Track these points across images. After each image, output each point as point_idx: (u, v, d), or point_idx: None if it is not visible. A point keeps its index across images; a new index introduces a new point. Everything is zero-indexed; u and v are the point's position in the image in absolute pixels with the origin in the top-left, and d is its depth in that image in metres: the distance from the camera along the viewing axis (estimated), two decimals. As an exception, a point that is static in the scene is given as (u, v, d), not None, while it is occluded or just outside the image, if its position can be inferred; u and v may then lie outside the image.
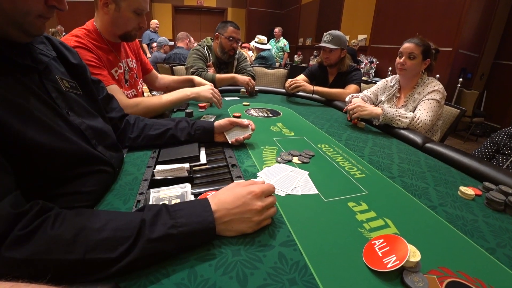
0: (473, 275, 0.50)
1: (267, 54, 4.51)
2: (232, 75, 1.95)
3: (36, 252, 0.39)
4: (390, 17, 5.23)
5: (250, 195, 0.55)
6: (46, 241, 0.41)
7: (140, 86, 1.48)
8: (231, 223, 0.53)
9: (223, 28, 2.04)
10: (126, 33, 1.22)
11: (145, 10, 1.20)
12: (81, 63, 0.77)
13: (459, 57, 4.27)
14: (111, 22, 1.18)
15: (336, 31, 2.07)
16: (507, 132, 1.46)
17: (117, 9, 1.14)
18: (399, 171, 0.92)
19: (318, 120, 1.43)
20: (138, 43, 1.53)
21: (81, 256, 0.41)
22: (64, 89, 0.65)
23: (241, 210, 0.53)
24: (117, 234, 0.44)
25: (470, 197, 0.79)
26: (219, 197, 0.55)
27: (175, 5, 9.21)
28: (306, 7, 8.39)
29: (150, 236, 0.45)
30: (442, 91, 1.46)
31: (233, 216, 0.53)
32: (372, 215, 0.65)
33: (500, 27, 4.64)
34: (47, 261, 0.40)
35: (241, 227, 0.54)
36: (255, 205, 0.54)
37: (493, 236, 0.63)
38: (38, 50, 0.62)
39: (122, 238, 0.44)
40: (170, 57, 3.92)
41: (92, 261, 0.41)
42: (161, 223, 0.47)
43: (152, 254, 0.45)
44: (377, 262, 0.49)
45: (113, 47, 1.26)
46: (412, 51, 1.49)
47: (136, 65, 1.46)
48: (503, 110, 4.58)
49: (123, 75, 1.32)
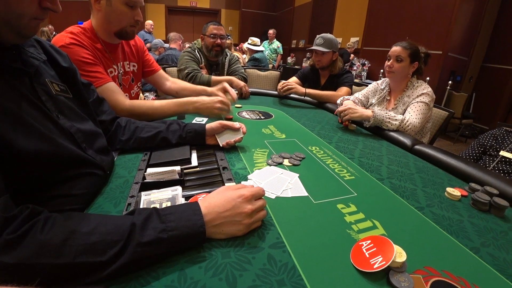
0: (457, 274, 0.52)
1: (260, 56, 4.53)
2: (229, 77, 1.95)
3: (26, 257, 0.39)
4: (382, 20, 5.31)
5: (240, 198, 0.55)
6: (36, 245, 0.41)
7: (134, 91, 1.46)
8: (222, 226, 0.53)
9: (205, 28, 2.10)
10: (122, 30, 1.20)
11: (138, 3, 1.17)
12: (72, 66, 0.77)
13: (449, 60, 4.36)
14: (105, 19, 1.16)
15: (327, 34, 2.09)
16: (493, 134, 1.49)
17: (108, 4, 1.13)
18: (388, 173, 0.93)
19: (310, 122, 1.44)
20: (143, 43, 1.49)
21: (71, 259, 0.41)
22: (54, 92, 0.65)
23: (231, 213, 0.54)
24: (107, 238, 0.44)
25: (456, 198, 0.81)
26: (209, 201, 0.55)
27: (168, 5, 9.18)
28: (300, 9, 8.45)
29: (140, 240, 0.45)
30: (431, 94, 1.49)
31: (223, 219, 0.53)
32: (361, 216, 0.66)
33: (488, 31, 4.76)
34: (37, 265, 0.40)
35: (231, 230, 0.54)
36: (245, 208, 0.55)
37: (477, 236, 0.65)
38: (28, 53, 0.62)
39: (112, 242, 0.44)
40: (163, 58, 3.90)
41: (82, 265, 0.42)
42: (151, 227, 0.47)
43: (143, 258, 0.45)
44: (364, 262, 0.50)
45: (108, 47, 1.23)
46: (399, 54, 1.52)
47: (135, 68, 1.42)
48: (491, 112, 4.68)
49: (117, 78, 1.30)
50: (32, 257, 0.40)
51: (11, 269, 0.39)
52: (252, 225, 0.57)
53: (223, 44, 2.11)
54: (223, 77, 1.98)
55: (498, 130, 1.50)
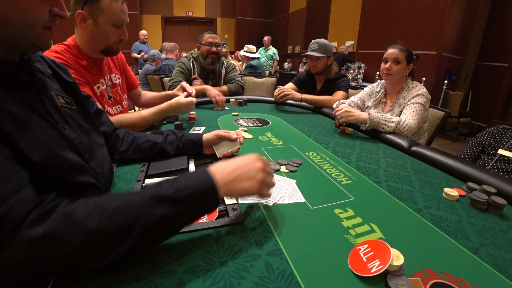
0: (456, 276, 0.51)
1: (257, 63, 4.57)
2: (203, 87, 1.97)
3: (54, 226, 0.42)
4: (376, 23, 5.36)
5: (252, 159, 0.61)
6: (63, 215, 0.43)
7: (125, 102, 1.47)
8: (235, 183, 0.56)
9: (201, 38, 2.15)
10: (108, 48, 1.21)
11: (124, 22, 1.18)
12: (74, 81, 0.78)
13: (444, 60, 4.39)
14: (91, 38, 1.17)
15: (321, 39, 2.11)
16: (491, 132, 1.50)
17: (95, 24, 1.13)
18: (385, 175, 0.93)
19: (307, 128, 1.45)
20: (124, 57, 1.52)
21: (97, 225, 0.43)
22: (59, 104, 0.66)
23: (243, 170, 0.58)
24: (127, 203, 0.47)
25: (454, 198, 0.81)
26: (217, 164, 0.59)
27: (164, 16, 9.28)
28: (294, 15, 8.54)
29: (152, 203, 0.48)
30: (426, 95, 1.51)
31: (235, 176, 0.56)
32: (358, 220, 0.67)
33: (481, 29, 4.80)
34: (65, 234, 0.42)
35: (245, 186, 0.57)
36: (257, 164, 0.60)
37: (476, 236, 0.65)
38: (35, 67, 0.63)
39: (132, 205, 0.47)
40: (160, 69, 3.94)
41: (108, 230, 0.44)
42: (166, 189, 0.49)
43: (161, 220, 0.47)
44: (362, 267, 0.50)
45: (94, 63, 1.24)
46: (397, 56, 1.54)
47: (120, 81, 1.44)
48: (489, 110, 4.70)
49: (106, 91, 1.31)
50: (60, 226, 0.42)
51: (41, 241, 0.40)
52: (264, 186, 0.60)
53: (218, 51, 2.14)
54: (200, 86, 2.00)
55: (495, 128, 1.50)
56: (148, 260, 0.51)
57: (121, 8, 1.15)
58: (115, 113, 1.34)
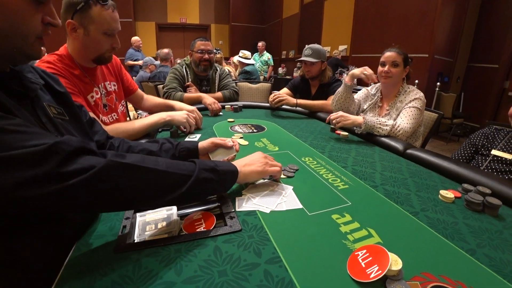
0: (455, 278, 0.52)
1: (251, 69, 4.59)
2: (199, 95, 1.99)
3: (135, 161, 0.53)
4: (368, 27, 5.44)
5: (256, 154, 0.85)
6: (138, 156, 0.55)
7: (121, 109, 1.46)
8: (247, 168, 0.77)
9: (193, 44, 2.16)
10: (100, 56, 1.20)
11: (116, 30, 1.17)
12: (66, 91, 0.78)
13: (436, 62, 4.46)
14: (82, 47, 1.15)
15: (315, 44, 2.13)
16: (484, 133, 1.51)
17: (86, 33, 1.11)
18: (381, 179, 0.94)
19: (302, 133, 1.46)
20: (120, 62, 1.50)
21: (165, 168, 0.57)
22: (52, 115, 0.66)
23: (251, 160, 0.81)
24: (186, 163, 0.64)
25: (450, 200, 0.81)
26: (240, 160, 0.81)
27: (158, 23, 9.31)
28: (288, 20, 8.63)
29: (203, 167, 0.64)
30: (422, 99, 1.53)
31: (246, 163, 0.79)
32: (356, 225, 0.67)
33: (470, 32, 4.89)
34: (143, 168, 0.54)
35: (254, 168, 0.78)
36: (260, 155, 0.84)
37: (473, 237, 0.65)
38: (27, 78, 0.63)
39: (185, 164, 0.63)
40: (155, 76, 3.94)
41: (172, 175, 0.58)
42: (209, 163, 0.67)
43: (207, 180, 0.63)
44: (361, 273, 0.50)
45: (87, 72, 1.23)
46: (395, 59, 1.58)
47: (116, 88, 1.43)
48: (481, 110, 4.76)
49: (101, 100, 1.29)
50: (139, 161, 0.54)
51: (130, 167, 0.52)
52: (266, 168, 0.80)
53: (211, 58, 2.15)
54: (195, 94, 2.01)
55: (488, 128, 1.52)
56: (147, 271, 0.51)
57: (112, 16, 1.13)
58: (110, 122, 1.32)
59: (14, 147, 0.43)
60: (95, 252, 0.56)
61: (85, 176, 0.46)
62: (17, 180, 0.42)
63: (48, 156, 0.45)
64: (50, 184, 0.44)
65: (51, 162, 0.45)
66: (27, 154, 0.43)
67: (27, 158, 0.43)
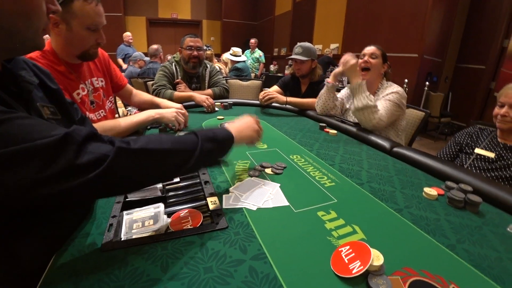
0: (434, 272, 0.53)
1: (242, 66, 4.57)
2: (190, 94, 1.97)
3: (141, 144, 0.53)
4: (360, 26, 5.49)
5: (249, 120, 0.90)
6: (143, 139, 0.55)
7: (109, 105, 1.43)
8: (241, 133, 0.81)
9: (182, 41, 2.14)
10: (84, 52, 1.15)
11: (100, 25, 1.12)
12: (59, 88, 0.75)
13: (425, 62, 4.53)
14: (65, 43, 1.11)
15: (305, 43, 2.14)
16: (468, 132, 1.55)
17: (68, 29, 1.06)
18: (368, 177, 0.96)
19: (291, 131, 1.46)
20: (108, 57, 1.47)
21: (169, 146, 0.58)
22: (46, 117, 0.64)
23: (246, 126, 0.86)
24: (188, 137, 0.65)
25: (433, 197, 0.83)
26: (230, 124, 0.84)
27: (149, 18, 9.18)
28: (280, 18, 8.62)
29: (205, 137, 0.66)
30: (400, 93, 1.55)
31: (242, 129, 0.83)
32: (341, 222, 0.68)
33: (459, 34, 4.99)
34: (149, 150, 0.54)
35: (248, 134, 0.85)
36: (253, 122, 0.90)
37: (453, 233, 0.67)
38: (21, 77, 0.60)
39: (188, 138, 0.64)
40: (144, 72, 3.90)
41: (177, 151, 0.59)
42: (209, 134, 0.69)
43: (210, 151, 0.66)
44: (344, 268, 0.51)
45: (72, 68, 1.19)
46: (374, 52, 1.64)
47: (103, 84, 1.39)
48: (467, 110, 4.87)
49: (87, 96, 1.26)
50: (145, 145, 0.53)
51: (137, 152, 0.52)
52: (256, 136, 0.89)
53: (200, 55, 2.13)
54: (185, 93, 1.99)
55: (472, 128, 1.56)
56: (133, 269, 0.51)
57: (95, 10, 1.08)
58: (98, 119, 1.30)
59: (27, 139, 0.42)
60: (81, 251, 0.56)
61: (101, 169, 0.46)
62: (36, 176, 0.41)
63: (63, 146, 0.44)
64: (68, 179, 0.44)
65: (66, 154, 0.44)
66: (41, 146, 0.42)
67: (41, 151, 0.42)
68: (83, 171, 0.45)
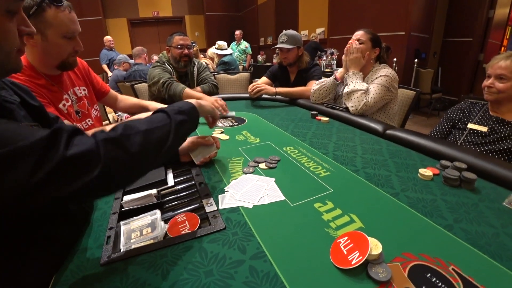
0: (433, 255, 0.54)
1: (229, 59, 4.51)
2: (200, 95, 1.88)
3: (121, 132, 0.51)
4: (345, 8, 5.43)
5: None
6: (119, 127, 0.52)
7: (95, 114, 1.40)
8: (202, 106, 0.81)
9: (170, 40, 2.07)
10: (63, 62, 1.12)
11: (76, 32, 1.09)
12: (41, 104, 0.74)
13: (412, 39, 4.52)
14: (42, 54, 1.08)
15: (290, 30, 2.11)
16: (460, 107, 1.55)
17: (44, 39, 1.04)
18: (362, 162, 0.95)
19: (283, 122, 1.45)
20: (87, 65, 1.44)
21: (149, 126, 0.56)
22: None
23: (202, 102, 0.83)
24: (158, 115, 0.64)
25: (429, 178, 0.83)
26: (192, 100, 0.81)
27: (130, 18, 8.98)
28: (263, 7, 8.50)
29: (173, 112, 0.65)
30: (390, 76, 1.54)
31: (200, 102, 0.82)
32: (338, 212, 0.68)
33: (444, 8, 4.97)
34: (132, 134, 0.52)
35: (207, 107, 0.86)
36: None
37: (450, 213, 0.67)
38: (2, 97, 0.59)
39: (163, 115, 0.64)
40: (130, 75, 3.82)
41: (156, 129, 0.58)
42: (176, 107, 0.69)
43: (182, 122, 0.65)
44: (343, 260, 0.51)
45: (53, 80, 1.16)
46: (360, 37, 1.63)
47: (86, 92, 1.37)
48: (458, 83, 4.90)
49: (72, 107, 1.23)
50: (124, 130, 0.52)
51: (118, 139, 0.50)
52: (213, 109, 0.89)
53: (190, 54, 2.09)
54: (196, 93, 1.91)
55: (464, 103, 1.56)
56: (134, 280, 0.51)
57: (69, 18, 1.05)
58: (85, 129, 1.28)
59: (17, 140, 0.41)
60: (81, 266, 0.55)
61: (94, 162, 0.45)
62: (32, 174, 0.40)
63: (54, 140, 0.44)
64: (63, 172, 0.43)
65: (58, 145, 0.43)
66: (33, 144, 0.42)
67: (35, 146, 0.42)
68: (76, 163, 0.44)
